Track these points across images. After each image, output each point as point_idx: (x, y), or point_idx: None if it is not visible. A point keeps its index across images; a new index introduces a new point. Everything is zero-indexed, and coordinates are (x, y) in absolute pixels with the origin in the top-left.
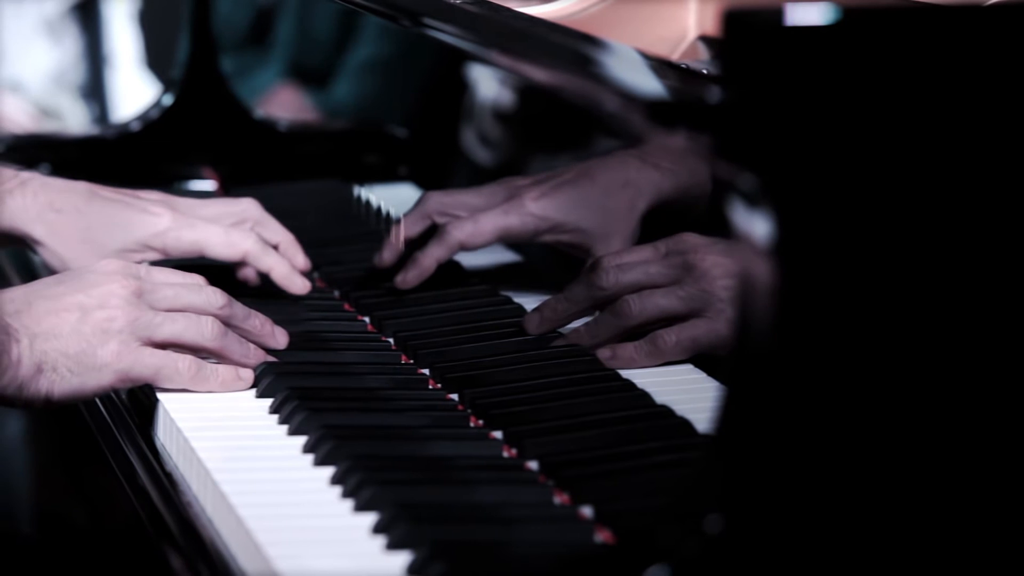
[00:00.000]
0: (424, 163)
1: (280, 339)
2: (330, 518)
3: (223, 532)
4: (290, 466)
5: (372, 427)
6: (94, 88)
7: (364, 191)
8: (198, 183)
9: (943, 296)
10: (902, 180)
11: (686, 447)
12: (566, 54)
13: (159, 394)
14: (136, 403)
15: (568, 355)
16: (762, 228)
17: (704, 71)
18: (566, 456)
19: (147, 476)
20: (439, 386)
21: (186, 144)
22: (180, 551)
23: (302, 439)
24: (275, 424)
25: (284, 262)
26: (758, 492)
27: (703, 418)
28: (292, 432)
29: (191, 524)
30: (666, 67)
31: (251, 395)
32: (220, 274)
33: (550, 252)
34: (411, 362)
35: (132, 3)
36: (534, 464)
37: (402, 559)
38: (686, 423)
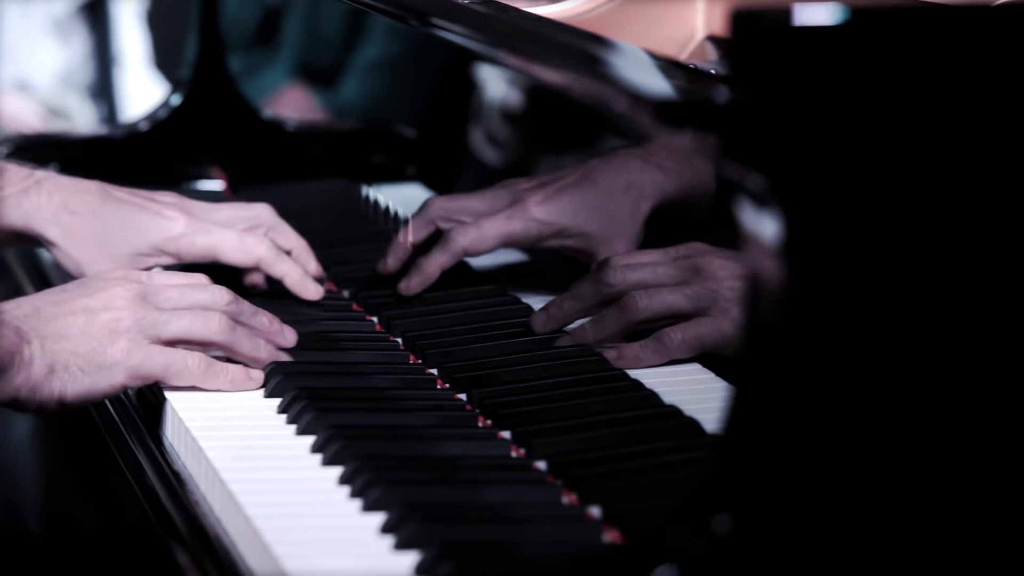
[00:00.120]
0: (432, 163)
1: (288, 337)
2: (338, 518)
3: (231, 531)
4: (298, 466)
5: (380, 427)
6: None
7: (372, 191)
8: (206, 183)
9: (952, 296)
10: (911, 180)
11: (694, 447)
12: (574, 54)
13: (167, 394)
14: (144, 403)
15: (576, 355)
16: (770, 228)
17: (712, 71)
18: (574, 456)
19: (155, 475)
20: (447, 386)
21: (194, 144)
22: (188, 550)
23: (310, 439)
24: (283, 424)
25: (297, 268)
26: (766, 492)
27: (711, 418)
28: (300, 432)
29: (199, 523)
30: (674, 67)
31: (259, 395)
32: (227, 276)
33: (557, 252)
34: (419, 362)
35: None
36: (542, 464)
37: (410, 559)
38: (694, 423)
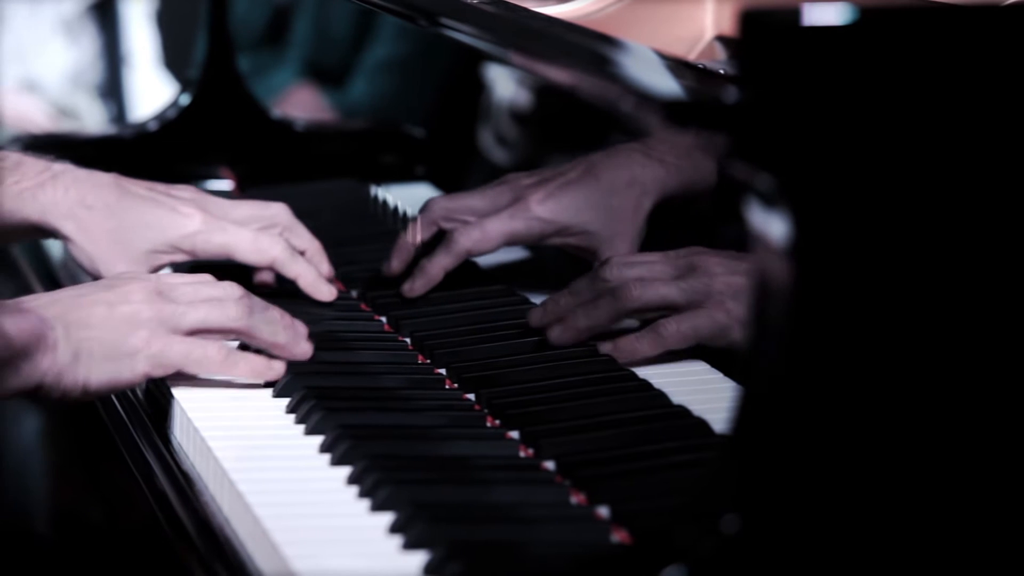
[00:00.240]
0: (441, 163)
1: (299, 329)
2: (347, 518)
3: (240, 532)
4: (307, 466)
5: (389, 427)
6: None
7: (381, 191)
8: (215, 183)
9: (961, 296)
10: (920, 180)
11: (703, 447)
12: (583, 54)
13: (176, 393)
14: (152, 402)
15: (585, 355)
16: (779, 228)
17: (721, 71)
18: (583, 456)
19: (164, 475)
20: (456, 386)
21: (203, 144)
22: (197, 550)
23: (319, 439)
24: (292, 424)
25: (312, 269)
26: (774, 493)
27: (720, 418)
28: (309, 432)
29: (208, 523)
30: (683, 67)
31: (268, 394)
32: (236, 274)
33: (564, 252)
34: (428, 362)
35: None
36: (551, 464)
37: (419, 559)
38: (703, 423)
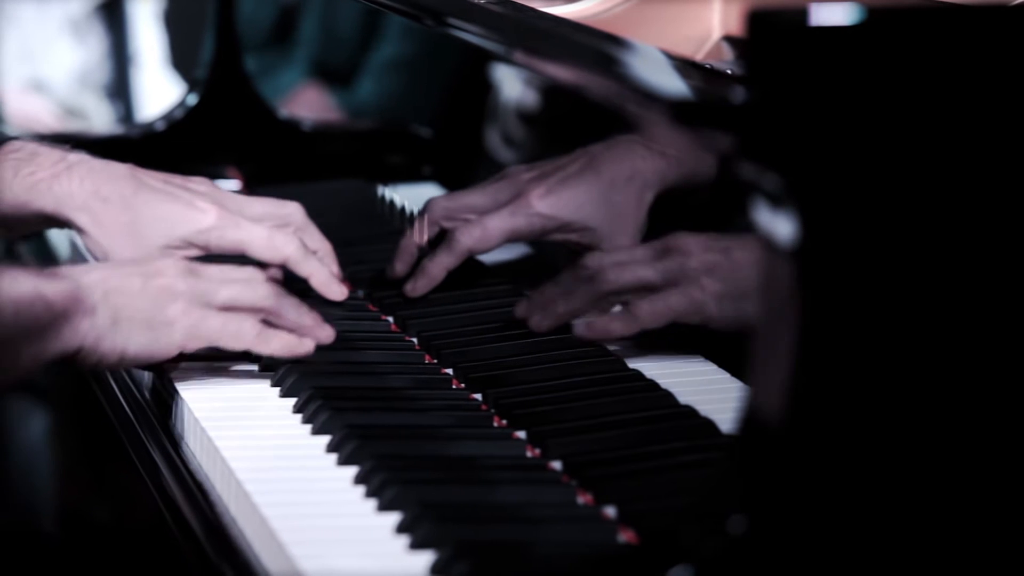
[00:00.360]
0: (448, 163)
1: (317, 316)
2: (353, 517)
3: (247, 531)
4: (313, 465)
5: (395, 427)
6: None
7: (388, 191)
8: (223, 183)
9: (969, 296)
10: (927, 180)
11: (709, 447)
12: (590, 54)
13: (182, 393)
14: (159, 402)
15: (592, 355)
16: (785, 228)
17: (728, 71)
18: (589, 456)
19: (170, 475)
20: (462, 386)
21: (210, 144)
22: (203, 550)
23: (326, 438)
24: (299, 423)
25: (324, 269)
26: (781, 493)
27: (727, 419)
28: (316, 431)
29: (214, 523)
30: (690, 67)
31: (275, 394)
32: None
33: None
34: (435, 362)
35: (157, 3)
36: (557, 464)
37: (425, 559)
38: (709, 423)
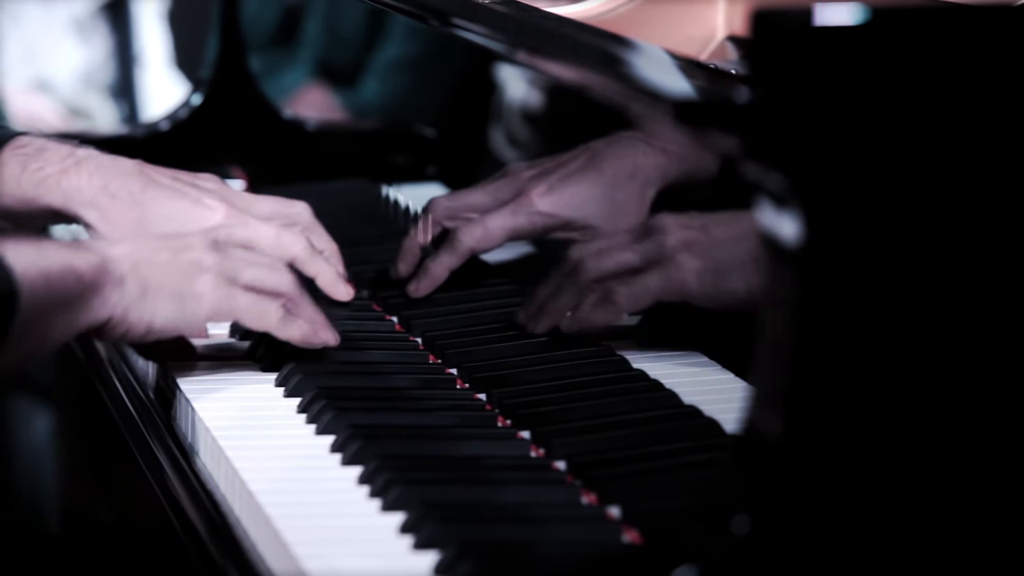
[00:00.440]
0: (452, 163)
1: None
2: (358, 517)
3: (251, 531)
4: (318, 465)
5: (400, 427)
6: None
7: (392, 191)
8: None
9: (974, 297)
10: (932, 180)
11: (714, 448)
12: (595, 54)
13: (187, 393)
14: (164, 402)
15: (596, 355)
16: (790, 228)
17: (733, 71)
18: (594, 456)
19: (175, 474)
20: (467, 386)
21: (215, 144)
22: (207, 550)
23: (330, 438)
24: (303, 423)
25: (331, 269)
26: (786, 493)
27: (731, 419)
28: (320, 431)
29: (218, 523)
30: (694, 67)
31: (279, 394)
32: None
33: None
34: (439, 362)
35: (162, 3)
36: (562, 464)
37: (429, 559)
38: (713, 423)
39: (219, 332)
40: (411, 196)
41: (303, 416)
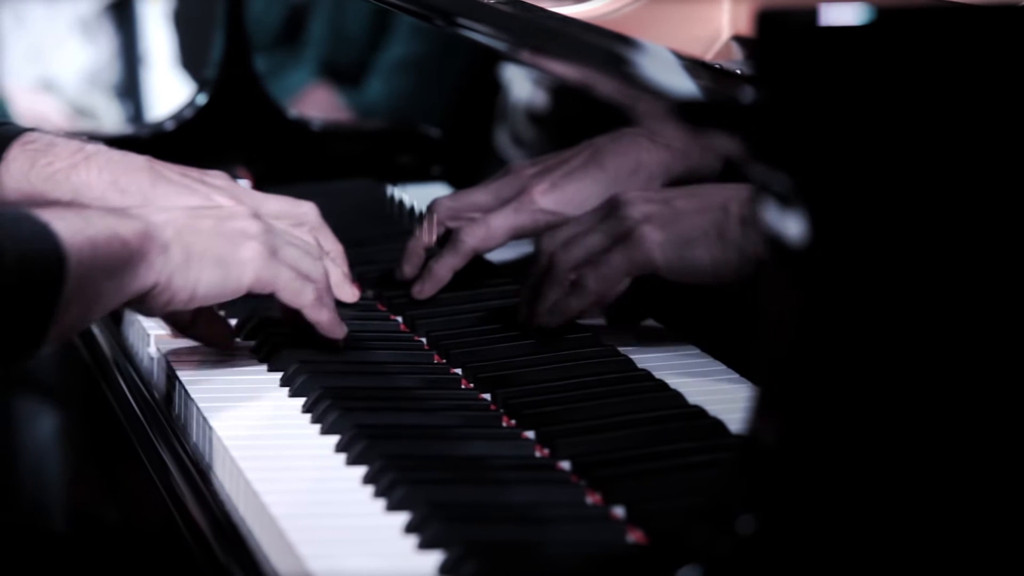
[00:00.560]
0: (457, 163)
1: None
2: (362, 517)
3: (255, 531)
4: (323, 465)
5: (405, 426)
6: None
7: (397, 191)
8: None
9: (980, 298)
10: (938, 181)
11: (719, 447)
12: (600, 54)
13: (191, 392)
14: (168, 401)
15: (601, 355)
16: (795, 229)
17: (738, 71)
18: (598, 456)
19: (179, 474)
20: (471, 386)
21: (220, 143)
22: (212, 549)
23: (335, 438)
24: (308, 423)
25: (337, 269)
26: (790, 493)
27: (736, 419)
28: (325, 431)
29: (223, 523)
30: (699, 67)
31: (284, 394)
32: None
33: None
34: (444, 362)
35: (167, 2)
36: (566, 464)
37: (434, 558)
38: (718, 423)
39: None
40: (416, 196)
41: (308, 416)
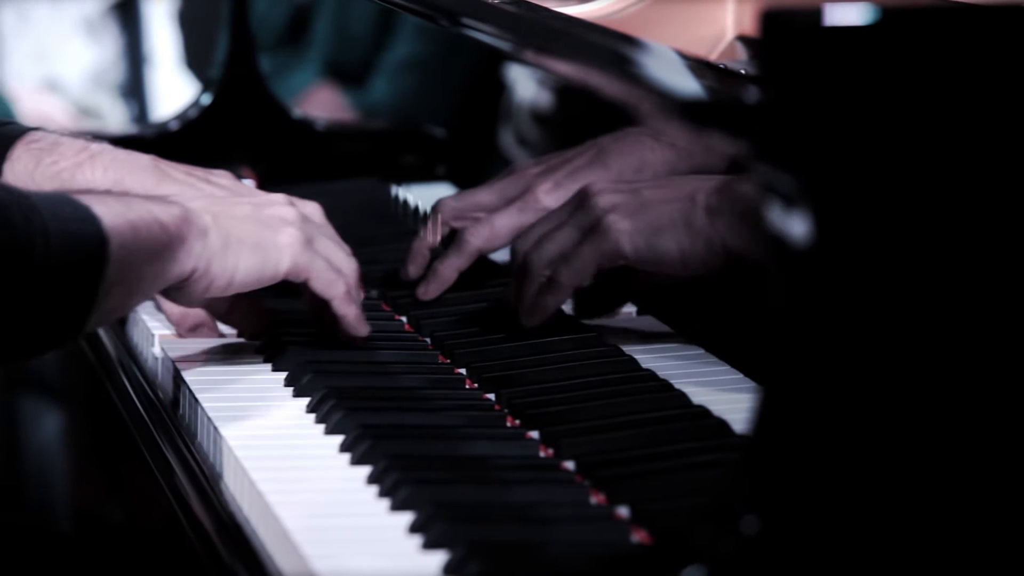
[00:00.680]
0: (462, 163)
1: None
2: (367, 517)
3: (260, 531)
4: (327, 465)
5: (409, 426)
6: (133, 87)
7: (402, 191)
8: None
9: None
10: (944, 181)
11: (723, 447)
12: (604, 54)
13: (195, 391)
14: (172, 401)
15: (605, 355)
16: (800, 230)
17: (742, 71)
18: (602, 456)
19: (184, 474)
20: (476, 386)
21: (224, 143)
22: (216, 549)
23: (339, 438)
24: (312, 423)
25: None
26: (795, 493)
27: (740, 419)
28: (329, 431)
29: (227, 523)
30: (704, 67)
31: (288, 393)
32: None
33: None
34: (448, 361)
35: (171, 2)
36: (570, 464)
37: (438, 558)
38: (723, 423)
39: (229, 331)
40: (420, 196)
41: (312, 415)
